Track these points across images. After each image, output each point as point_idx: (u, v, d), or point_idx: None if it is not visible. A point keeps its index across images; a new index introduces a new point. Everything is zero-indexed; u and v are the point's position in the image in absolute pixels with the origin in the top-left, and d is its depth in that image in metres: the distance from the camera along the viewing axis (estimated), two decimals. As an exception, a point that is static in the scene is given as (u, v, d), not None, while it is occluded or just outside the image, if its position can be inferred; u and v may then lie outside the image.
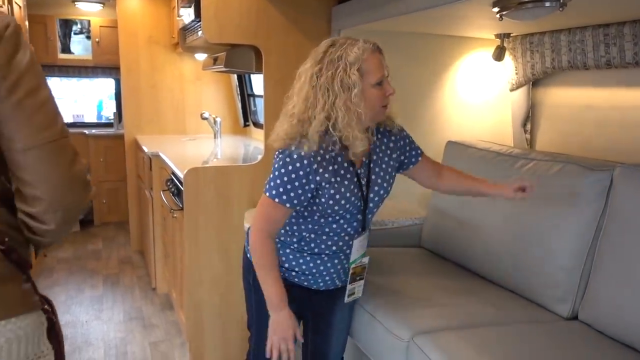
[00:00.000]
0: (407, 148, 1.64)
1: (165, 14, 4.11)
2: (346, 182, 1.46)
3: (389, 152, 1.58)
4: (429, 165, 1.70)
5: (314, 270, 1.56)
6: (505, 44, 2.30)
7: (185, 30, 3.09)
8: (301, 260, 1.55)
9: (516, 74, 2.38)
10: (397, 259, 2.15)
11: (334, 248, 1.54)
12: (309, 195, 1.44)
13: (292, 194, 1.42)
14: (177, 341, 2.82)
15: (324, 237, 1.52)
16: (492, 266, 1.92)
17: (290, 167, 1.40)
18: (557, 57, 2.10)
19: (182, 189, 2.39)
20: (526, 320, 1.65)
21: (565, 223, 1.69)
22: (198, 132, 4.28)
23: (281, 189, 1.42)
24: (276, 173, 1.43)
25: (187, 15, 2.94)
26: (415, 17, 1.85)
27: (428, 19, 1.95)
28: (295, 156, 1.40)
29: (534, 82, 2.40)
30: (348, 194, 1.46)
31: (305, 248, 1.54)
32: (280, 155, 1.44)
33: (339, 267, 1.58)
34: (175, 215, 2.69)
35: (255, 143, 3.79)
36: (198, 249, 2.38)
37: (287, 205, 1.43)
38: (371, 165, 1.53)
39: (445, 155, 2.32)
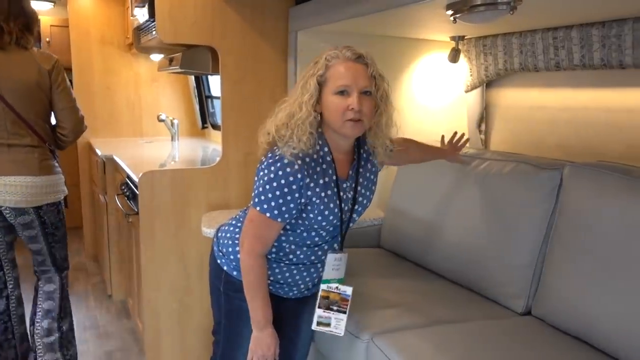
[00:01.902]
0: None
1: (119, 14, 4.00)
2: (334, 198, 1.42)
3: (372, 165, 1.56)
4: (400, 146, 1.69)
5: (289, 280, 1.53)
6: (460, 46, 2.34)
7: (140, 30, 3.02)
8: (277, 270, 1.51)
9: (471, 75, 2.43)
10: (356, 259, 2.15)
11: (312, 258, 1.51)
12: (300, 208, 1.39)
13: (283, 208, 1.36)
14: (134, 350, 2.75)
15: (304, 249, 1.49)
16: (449, 265, 1.95)
17: (282, 181, 1.34)
18: (509, 60, 2.16)
19: (137, 192, 2.33)
20: (482, 317, 1.69)
21: (518, 221, 1.73)
22: (155, 134, 4.19)
23: (273, 203, 1.35)
24: (267, 186, 1.35)
25: (141, 15, 2.87)
26: (371, 19, 1.86)
27: (384, 21, 1.97)
28: (288, 169, 1.33)
29: (488, 83, 2.45)
30: (336, 210, 1.43)
31: (283, 258, 1.50)
32: (271, 166, 1.36)
33: (314, 275, 1.55)
34: (130, 220, 2.62)
35: (214, 145, 3.74)
36: (154, 254, 2.33)
37: (279, 220, 1.37)
38: (359, 179, 1.50)
39: (403, 156, 2.34)
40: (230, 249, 1.53)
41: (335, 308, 1.51)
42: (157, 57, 3.76)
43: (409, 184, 2.24)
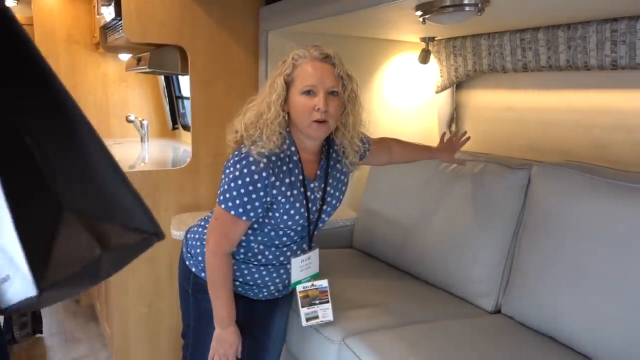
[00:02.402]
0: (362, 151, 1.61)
1: (85, 12, 3.90)
2: (301, 197, 1.41)
3: (342, 166, 1.55)
4: (379, 147, 1.70)
5: (259, 281, 1.51)
6: (430, 48, 2.36)
7: (106, 29, 2.95)
8: (246, 271, 1.50)
9: (441, 76, 2.45)
10: (329, 260, 2.14)
11: (281, 259, 1.50)
12: (265, 207, 1.38)
13: (249, 206, 1.35)
14: (103, 355, 2.68)
15: (273, 249, 1.48)
16: (420, 264, 1.96)
17: (247, 179, 1.33)
18: (478, 61, 2.18)
19: (105, 195, 2.27)
20: (453, 316, 1.70)
21: (488, 220, 1.75)
22: (124, 135, 4.10)
23: (238, 201, 1.34)
24: (232, 184, 1.35)
25: (107, 13, 2.80)
26: (342, 19, 1.86)
27: (355, 21, 1.96)
28: (253, 167, 1.33)
29: (458, 84, 2.48)
30: (302, 209, 1.42)
31: (252, 259, 1.49)
32: (237, 164, 1.35)
33: (284, 276, 1.54)
34: (98, 223, 2.55)
35: (185, 146, 3.68)
36: (123, 257, 2.27)
37: (244, 218, 1.37)
38: (328, 179, 1.49)
39: (374, 156, 2.34)
40: (198, 250, 1.51)
41: (317, 302, 1.55)
42: (125, 57, 3.69)
43: (381, 184, 2.24)
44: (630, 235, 1.35)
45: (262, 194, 1.34)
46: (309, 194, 1.43)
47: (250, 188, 1.33)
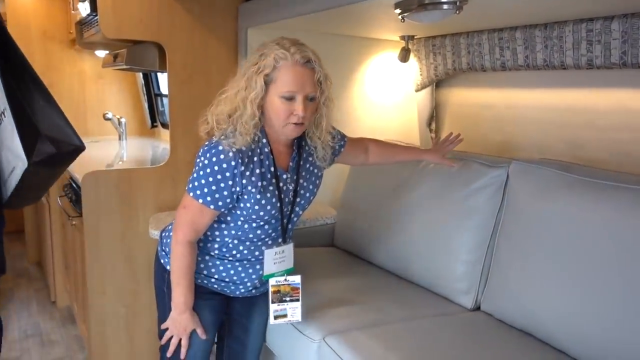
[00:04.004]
0: (336, 146, 1.63)
1: (61, 8, 3.83)
2: (272, 188, 1.41)
3: (315, 159, 1.55)
4: (355, 146, 1.71)
5: (235, 278, 1.51)
6: (410, 46, 2.37)
7: (82, 24, 2.89)
8: (221, 267, 1.50)
9: (420, 75, 2.46)
10: (309, 258, 2.14)
11: (256, 253, 1.50)
12: (235, 197, 1.38)
13: (217, 195, 1.36)
14: (80, 357, 2.64)
15: (247, 243, 1.48)
16: (400, 262, 1.96)
17: (216, 167, 1.34)
18: (457, 59, 2.20)
19: (81, 194, 2.23)
20: (433, 314, 1.70)
21: (467, 218, 1.76)
22: (102, 133, 4.03)
23: (206, 189, 1.35)
24: (201, 172, 1.36)
25: (83, 8, 2.75)
26: (321, 16, 1.85)
27: (334, 19, 1.96)
28: (222, 156, 1.33)
29: (438, 83, 2.49)
30: (274, 200, 1.42)
31: (227, 255, 1.48)
32: (207, 153, 1.36)
33: (260, 272, 1.53)
34: (74, 223, 2.51)
35: (164, 144, 3.64)
36: (100, 257, 2.24)
37: (212, 207, 1.38)
38: (301, 171, 1.50)
39: (355, 154, 2.34)
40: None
41: (288, 299, 1.54)
42: (102, 53, 3.63)
43: (361, 182, 2.24)
44: (605, 232, 1.37)
45: (230, 183, 1.35)
46: (281, 184, 1.44)
47: (219, 177, 1.34)
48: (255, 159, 1.39)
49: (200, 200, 1.36)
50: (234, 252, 1.48)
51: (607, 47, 1.62)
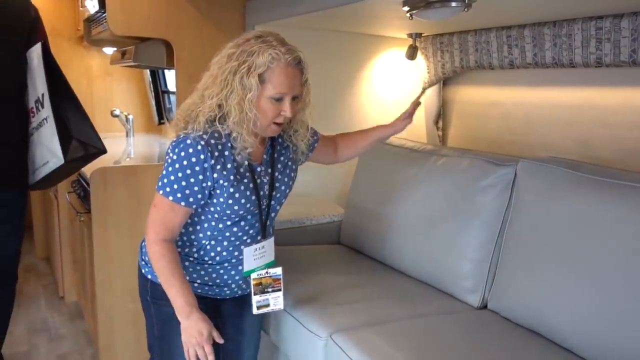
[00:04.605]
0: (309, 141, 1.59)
1: (69, 4, 3.85)
2: (245, 180, 1.38)
3: (290, 152, 1.53)
4: (326, 145, 1.68)
5: (218, 281, 1.48)
6: (417, 44, 2.36)
7: (90, 21, 2.90)
8: (203, 272, 1.46)
9: (428, 72, 2.45)
10: (316, 256, 2.14)
11: (236, 253, 1.46)
12: (207, 192, 1.34)
13: (187, 191, 1.31)
14: (88, 352, 2.66)
15: (225, 243, 1.43)
16: (406, 260, 1.96)
17: (185, 162, 1.30)
18: (465, 57, 2.19)
19: (89, 190, 2.25)
20: (440, 312, 1.70)
21: (474, 216, 1.76)
22: (109, 130, 4.04)
23: (176, 186, 1.31)
24: (169, 169, 1.32)
25: (91, 5, 2.76)
26: (329, 14, 1.85)
27: (341, 16, 1.96)
28: (190, 150, 1.30)
29: (445, 80, 2.49)
30: (248, 193, 1.39)
31: (206, 258, 1.44)
32: (175, 148, 1.32)
33: (243, 273, 1.49)
34: (82, 219, 2.53)
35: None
36: (108, 253, 2.26)
37: (183, 203, 1.32)
38: (274, 163, 1.47)
39: (361, 152, 2.34)
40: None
41: (270, 290, 1.50)
42: (110, 50, 3.64)
43: (367, 179, 2.24)
44: (614, 231, 1.37)
45: (201, 177, 1.31)
46: (255, 177, 1.41)
47: (189, 172, 1.30)
48: (227, 153, 1.35)
49: (171, 198, 1.32)
50: (212, 254, 1.44)
51: (617, 45, 1.61)
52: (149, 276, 1.47)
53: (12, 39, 1.86)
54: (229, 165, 1.34)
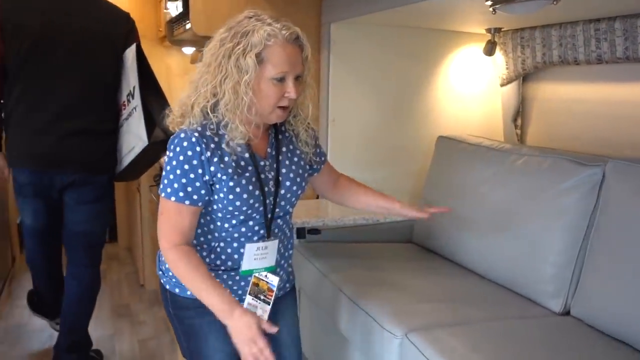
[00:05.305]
0: (317, 150, 1.47)
1: (153, 7, 4.04)
2: (247, 174, 1.28)
3: (297, 149, 1.41)
4: (329, 173, 1.56)
5: (233, 295, 1.33)
6: (496, 39, 2.29)
7: (173, 23, 3.05)
8: (218, 280, 1.31)
9: (507, 68, 2.37)
10: (389, 254, 2.14)
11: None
12: (208, 187, 1.26)
13: (189, 189, 1.23)
14: (166, 338, 2.79)
15: (235, 245, 1.33)
16: (483, 261, 1.92)
17: (181, 157, 1.22)
18: (548, 52, 2.10)
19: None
20: (518, 316, 1.65)
21: (557, 219, 1.69)
22: (186, 126, 4.22)
23: (176, 184, 1.23)
24: (168, 167, 1.24)
25: (174, 7, 2.90)
26: (407, 10, 1.83)
27: (420, 12, 1.93)
28: (185, 143, 1.22)
29: (524, 77, 2.40)
30: (251, 187, 1.28)
31: (218, 263, 1.34)
32: (170, 145, 1.25)
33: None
34: (163, 211, 2.65)
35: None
36: (187, 245, 2.35)
37: (187, 202, 1.24)
38: (280, 157, 1.35)
39: (436, 150, 2.31)
40: (167, 265, 1.35)
41: (262, 297, 1.39)
42: (188, 50, 3.79)
43: (442, 178, 2.21)
44: None
45: (200, 171, 1.23)
46: (259, 171, 1.30)
47: (187, 167, 1.22)
48: (224, 145, 1.25)
49: (174, 198, 1.24)
50: (223, 257, 1.34)
51: None
52: (167, 286, 1.40)
53: (114, 46, 2.18)
54: (226, 158, 1.25)
